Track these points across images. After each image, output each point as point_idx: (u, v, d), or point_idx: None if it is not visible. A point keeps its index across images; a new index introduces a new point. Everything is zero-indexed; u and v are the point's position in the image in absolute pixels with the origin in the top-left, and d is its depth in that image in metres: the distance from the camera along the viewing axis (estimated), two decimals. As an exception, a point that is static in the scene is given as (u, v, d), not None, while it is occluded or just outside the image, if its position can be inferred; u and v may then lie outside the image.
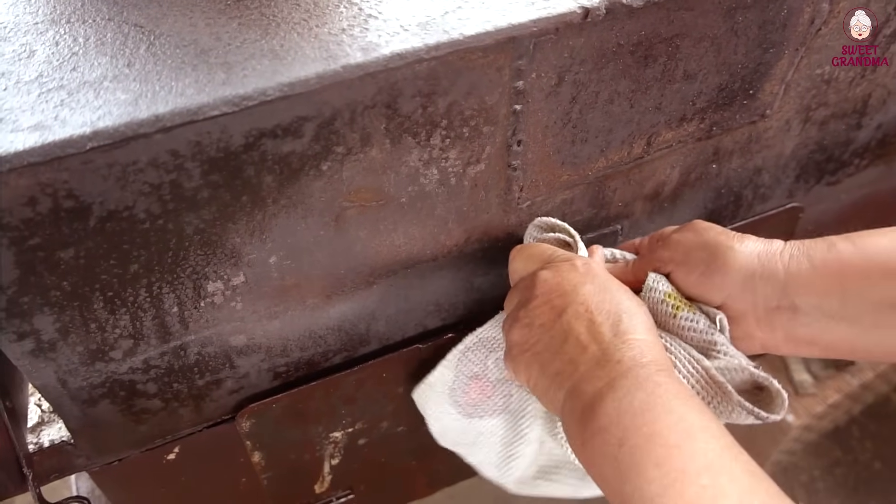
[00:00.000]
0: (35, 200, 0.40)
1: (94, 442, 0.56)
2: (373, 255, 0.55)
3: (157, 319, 0.51)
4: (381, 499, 0.82)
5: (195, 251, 0.48)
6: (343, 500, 0.77)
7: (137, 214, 0.43)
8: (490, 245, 0.60)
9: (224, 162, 0.43)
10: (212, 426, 0.61)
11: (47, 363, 0.49)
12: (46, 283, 0.44)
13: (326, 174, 0.47)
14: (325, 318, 0.58)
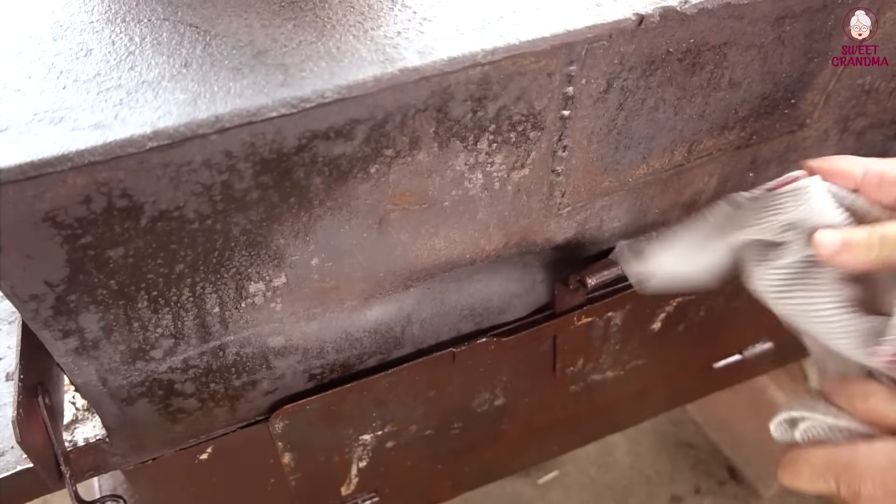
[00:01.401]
0: (90, 199, 0.40)
1: (129, 441, 0.56)
2: (413, 258, 0.55)
3: (198, 319, 0.51)
4: (405, 501, 0.82)
5: (240, 252, 0.48)
6: (368, 502, 0.77)
7: (187, 214, 0.43)
8: (527, 250, 0.60)
9: (276, 163, 0.43)
10: (245, 427, 0.61)
11: (90, 362, 0.49)
12: (94, 282, 0.44)
13: (374, 177, 0.47)
14: (361, 321, 0.58)
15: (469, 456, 0.71)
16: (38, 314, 0.44)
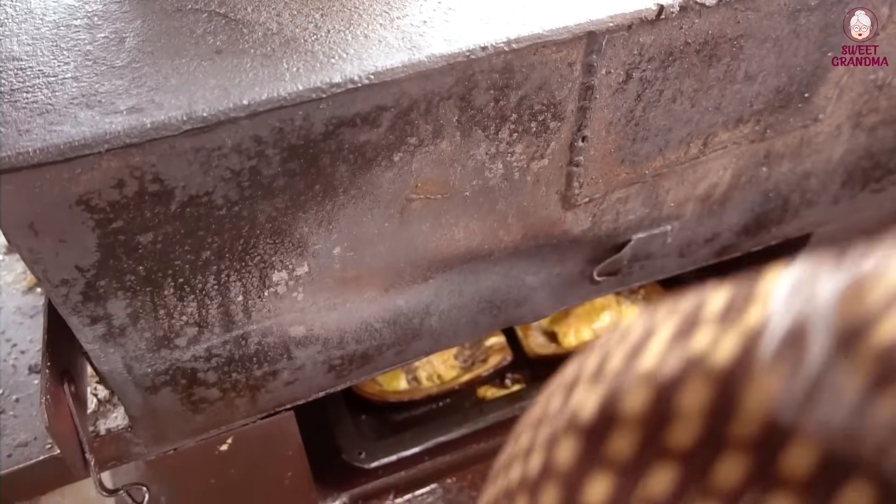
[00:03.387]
0: (123, 183, 0.40)
1: (152, 430, 0.57)
2: (433, 248, 0.56)
3: (222, 308, 0.51)
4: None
5: (265, 240, 0.48)
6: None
7: (216, 200, 0.44)
8: (544, 242, 0.61)
9: (303, 150, 0.44)
10: (265, 418, 0.62)
11: (116, 349, 0.49)
12: (123, 268, 0.45)
13: (397, 165, 0.48)
14: (381, 311, 0.59)
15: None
16: (68, 299, 0.45)
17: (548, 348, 0.86)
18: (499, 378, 0.86)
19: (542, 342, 0.87)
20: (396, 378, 0.83)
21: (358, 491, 0.77)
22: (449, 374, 0.84)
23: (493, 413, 0.80)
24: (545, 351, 0.86)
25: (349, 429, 0.77)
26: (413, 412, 0.82)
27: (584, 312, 0.88)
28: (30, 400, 0.60)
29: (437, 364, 0.84)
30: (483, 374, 0.84)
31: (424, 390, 0.82)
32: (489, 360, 0.85)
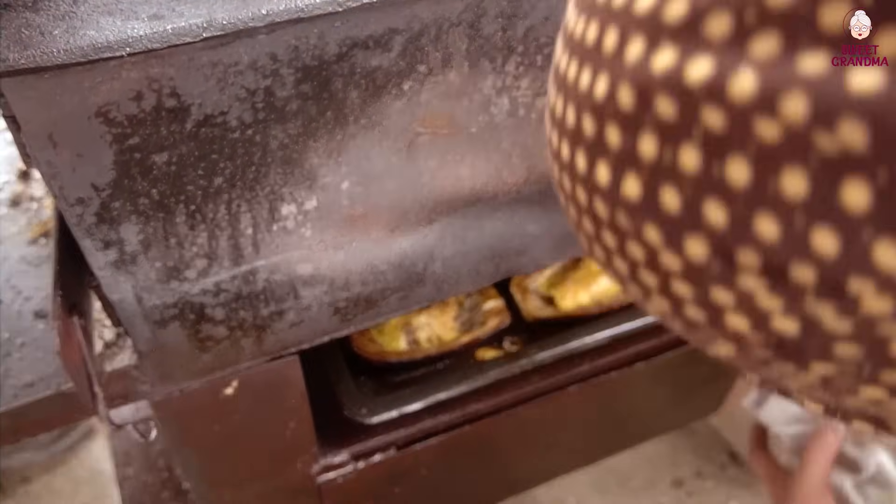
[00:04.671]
0: (141, 96, 0.41)
1: (159, 368, 0.57)
2: (438, 186, 0.57)
3: (231, 240, 0.52)
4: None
5: (276, 168, 0.49)
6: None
7: (230, 122, 0.45)
8: (547, 187, 0.62)
9: (317, 71, 0.45)
10: (269, 361, 0.62)
11: (127, 277, 0.50)
12: (137, 189, 0.46)
13: (406, 94, 0.49)
14: (386, 253, 0.59)
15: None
16: (82, 220, 0.45)
17: (545, 311, 0.87)
18: (497, 341, 0.87)
19: (540, 305, 0.88)
20: (396, 339, 0.84)
21: (359, 447, 0.78)
22: (448, 335, 0.85)
23: (493, 371, 0.81)
24: (543, 314, 0.87)
25: (350, 386, 0.78)
26: (412, 373, 0.83)
27: (581, 277, 0.89)
28: (35, 344, 0.61)
29: (436, 326, 0.85)
30: (481, 336, 0.85)
31: (424, 351, 0.83)
32: (487, 323, 0.86)
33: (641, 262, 0.21)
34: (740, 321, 0.20)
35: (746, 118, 0.17)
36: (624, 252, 0.22)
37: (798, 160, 0.17)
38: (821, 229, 0.17)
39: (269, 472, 0.75)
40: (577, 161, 0.22)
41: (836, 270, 0.17)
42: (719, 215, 0.18)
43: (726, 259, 0.18)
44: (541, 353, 0.83)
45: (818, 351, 0.19)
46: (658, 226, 0.20)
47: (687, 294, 0.20)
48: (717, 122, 0.17)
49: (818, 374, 0.20)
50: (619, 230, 0.21)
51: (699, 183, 0.18)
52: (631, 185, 0.20)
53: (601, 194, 0.21)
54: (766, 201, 0.17)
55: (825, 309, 0.18)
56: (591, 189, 0.22)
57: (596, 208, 0.22)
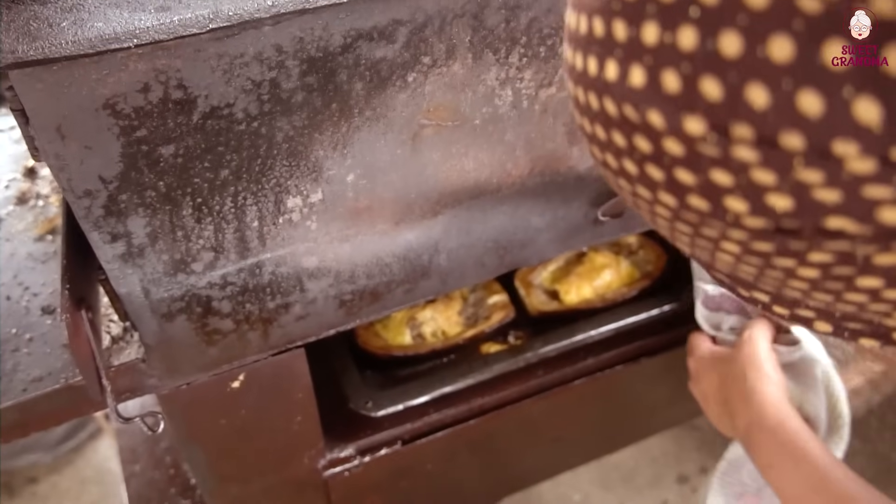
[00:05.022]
0: (148, 88, 0.41)
1: (166, 362, 0.58)
2: (443, 179, 0.57)
3: (238, 233, 0.52)
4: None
5: (281, 161, 0.50)
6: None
7: (236, 114, 0.45)
8: (550, 179, 0.62)
9: (322, 63, 0.45)
10: (276, 354, 0.62)
11: (134, 270, 0.50)
12: (144, 182, 0.46)
13: (411, 86, 0.49)
14: (392, 246, 0.60)
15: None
16: (90, 212, 0.46)
17: (549, 306, 0.88)
18: (501, 335, 0.87)
19: (544, 300, 0.88)
20: (401, 333, 0.84)
21: (365, 442, 0.78)
22: (453, 330, 0.85)
23: (498, 364, 0.81)
24: (547, 308, 0.87)
25: (356, 379, 0.78)
26: (417, 367, 0.83)
27: (584, 271, 0.89)
28: (43, 339, 0.61)
29: (440, 321, 0.85)
30: (486, 330, 0.85)
31: (429, 345, 0.83)
32: (492, 317, 0.86)
33: (648, 155, 0.23)
34: (739, 203, 0.22)
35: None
36: (632, 148, 0.24)
37: (783, 25, 0.18)
38: (806, 91, 0.19)
39: (276, 466, 0.75)
40: (589, 65, 0.24)
41: (821, 132, 0.19)
42: (714, 89, 0.20)
43: (722, 133, 0.21)
44: (545, 346, 0.83)
45: (813, 231, 0.21)
46: (660, 110, 0.22)
47: (690, 181, 0.23)
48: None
49: (818, 264, 0.22)
50: (626, 124, 0.23)
51: (695, 60, 0.20)
52: (636, 74, 0.22)
53: (610, 92, 0.24)
54: (756, 70, 0.19)
55: (814, 176, 0.20)
56: (601, 89, 0.24)
57: (606, 108, 0.24)
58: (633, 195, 0.27)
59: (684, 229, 0.26)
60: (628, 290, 0.88)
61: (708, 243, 0.25)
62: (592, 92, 0.25)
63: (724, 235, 0.24)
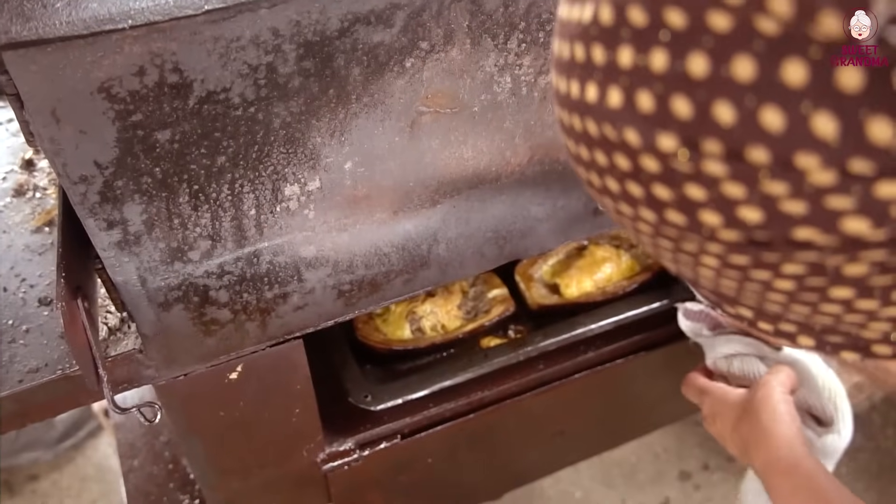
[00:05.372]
0: (144, 71, 0.41)
1: (163, 352, 0.57)
2: (442, 167, 0.56)
3: (235, 221, 0.52)
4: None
5: (278, 148, 0.49)
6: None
7: (232, 99, 0.45)
8: (550, 168, 0.62)
9: (318, 47, 0.45)
10: (274, 345, 0.62)
11: (131, 258, 0.50)
12: (140, 168, 0.46)
13: (409, 72, 0.49)
14: (390, 235, 0.59)
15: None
16: (86, 198, 0.45)
17: (550, 299, 0.87)
18: (501, 329, 0.87)
19: (545, 293, 0.88)
20: (400, 328, 0.83)
21: (364, 435, 0.77)
22: (453, 324, 0.85)
23: (498, 358, 0.80)
24: (547, 302, 0.87)
25: (355, 373, 0.78)
26: (417, 362, 0.83)
27: (585, 265, 0.89)
28: (39, 330, 0.61)
29: (440, 314, 0.85)
30: (486, 324, 0.84)
31: (429, 339, 0.82)
32: (492, 311, 0.85)
33: (628, 172, 0.24)
34: (713, 217, 0.23)
35: (700, 13, 0.20)
36: (613, 166, 0.25)
37: (745, 46, 0.20)
38: (768, 107, 0.20)
39: (275, 459, 0.75)
40: (572, 89, 0.26)
41: (783, 146, 0.20)
42: (684, 107, 0.21)
43: (693, 148, 0.22)
44: (545, 340, 0.83)
45: (783, 242, 0.22)
46: (636, 128, 0.23)
47: (666, 197, 0.24)
48: (677, 20, 0.21)
49: (792, 276, 0.23)
50: (607, 143, 0.25)
51: (666, 81, 0.21)
52: (614, 95, 0.23)
53: (591, 113, 0.25)
54: (722, 88, 0.20)
55: (779, 188, 0.21)
56: (583, 111, 0.25)
57: (588, 129, 0.25)
58: (617, 213, 0.28)
59: (666, 245, 0.27)
60: (629, 283, 0.88)
61: (689, 258, 0.26)
62: (576, 114, 0.26)
63: (703, 249, 0.25)
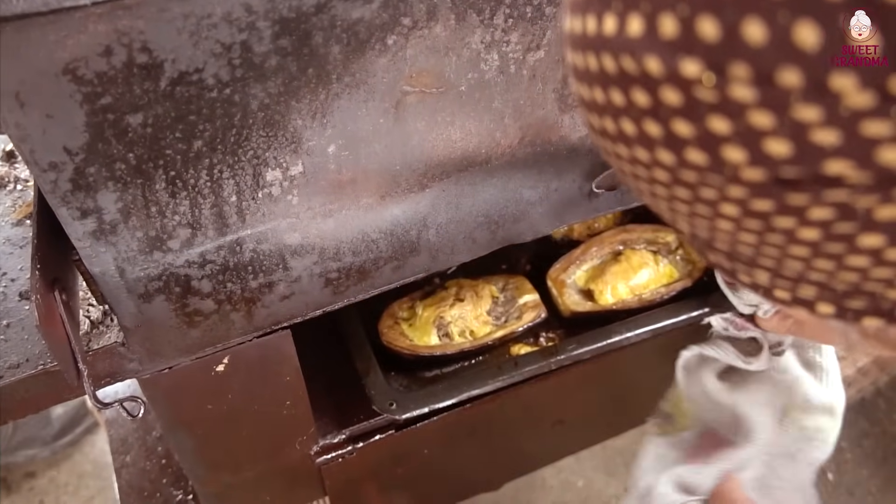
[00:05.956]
0: (110, 51, 0.39)
1: (146, 345, 0.56)
2: (429, 149, 0.55)
3: (215, 208, 0.50)
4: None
5: (258, 131, 0.47)
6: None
7: (206, 80, 0.43)
8: (542, 149, 0.60)
9: (295, 24, 0.43)
10: (261, 336, 0.61)
11: (107, 247, 0.48)
12: (113, 153, 0.44)
13: (391, 50, 0.47)
14: (377, 221, 0.58)
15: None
16: (57, 186, 0.44)
17: (583, 306, 0.84)
18: (532, 336, 0.84)
19: (578, 300, 0.85)
20: (427, 333, 0.81)
21: (358, 428, 0.76)
22: (482, 330, 0.82)
23: (529, 367, 0.77)
24: (581, 309, 0.84)
25: (379, 380, 0.75)
26: (444, 369, 0.81)
27: (620, 270, 0.86)
28: (20, 325, 0.59)
29: (469, 320, 0.82)
30: (517, 330, 0.82)
31: (457, 345, 0.80)
32: (523, 317, 0.82)
33: (646, 109, 0.23)
34: (737, 153, 0.22)
35: None
36: (630, 104, 0.24)
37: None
38: (803, 23, 0.19)
39: (267, 453, 0.73)
40: (588, 25, 0.24)
41: (819, 66, 0.19)
42: (711, 29, 0.20)
43: (720, 73, 0.20)
44: (579, 348, 0.79)
45: (812, 179, 0.21)
46: (658, 55, 0.22)
47: (688, 133, 0.22)
48: None
49: (818, 222, 0.22)
50: (624, 78, 0.23)
51: (693, 2, 0.20)
52: (634, 23, 0.22)
53: (609, 47, 0.23)
54: (753, 4, 0.19)
55: (811, 113, 0.19)
56: (599, 46, 0.24)
57: (605, 66, 0.24)
58: (632, 161, 0.26)
59: (682, 194, 0.25)
60: (667, 290, 0.84)
61: (707, 209, 0.25)
62: (591, 52, 0.25)
63: (724, 195, 0.24)
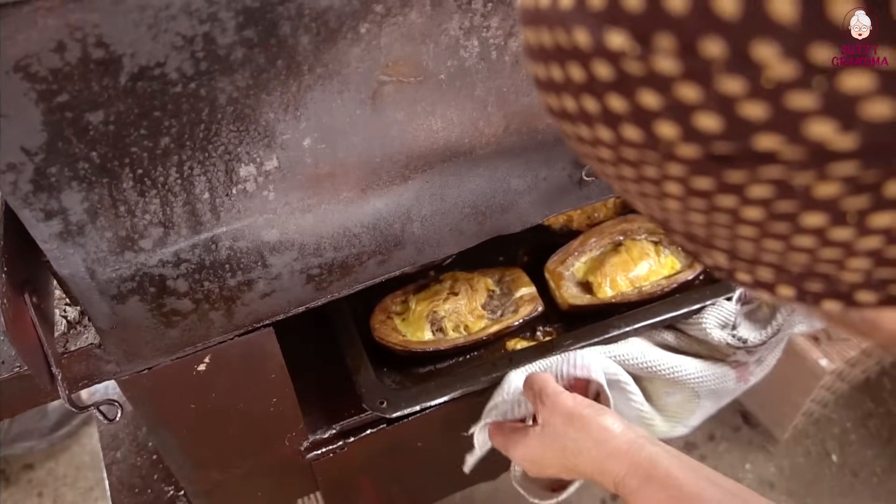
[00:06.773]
0: (63, 46, 0.37)
1: (123, 346, 0.54)
2: (410, 140, 0.53)
3: (187, 206, 0.48)
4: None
5: (228, 126, 0.46)
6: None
7: (169, 74, 0.41)
8: (528, 138, 0.58)
9: (260, 14, 0.41)
10: (243, 334, 0.59)
11: (75, 249, 0.47)
12: (75, 152, 0.42)
13: (364, 38, 0.45)
14: (359, 215, 0.56)
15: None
16: (17, 188, 0.42)
17: (582, 299, 0.82)
18: (529, 331, 0.82)
19: (576, 293, 0.82)
20: (421, 328, 0.79)
21: (348, 422, 0.75)
22: (476, 324, 0.80)
23: (525, 363, 0.74)
24: (579, 302, 0.81)
25: (370, 377, 0.73)
26: (437, 365, 0.79)
27: (620, 261, 0.83)
28: (-5, 327, 0.58)
29: (463, 314, 0.80)
30: (513, 325, 0.80)
31: (451, 340, 0.78)
32: (519, 311, 0.80)
33: (582, 85, 0.23)
34: (669, 128, 0.22)
35: None
36: (568, 80, 0.24)
37: None
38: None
39: (256, 450, 0.72)
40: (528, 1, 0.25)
41: (739, 35, 0.19)
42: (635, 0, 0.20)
43: (645, 44, 0.21)
44: (577, 343, 0.75)
45: (745, 155, 0.21)
46: (586, 27, 0.22)
47: (621, 108, 0.23)
48: None
49: (759, 201, 0.22)
50: (560, 52, 0.23)
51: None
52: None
53: (546, 20, 0.24)
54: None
55: (736, 85, 0.20)
56: (538, 20, 0.24)
57: (543, 40, 0.24)
58: (578, 140, 0.26)
59: (628, 174, 0.25)
60: (668, 283, 0.81)
61: (653, 188, 0.25)
62: (532, 27, 0.25)
63: (664, 173, 0.24)
